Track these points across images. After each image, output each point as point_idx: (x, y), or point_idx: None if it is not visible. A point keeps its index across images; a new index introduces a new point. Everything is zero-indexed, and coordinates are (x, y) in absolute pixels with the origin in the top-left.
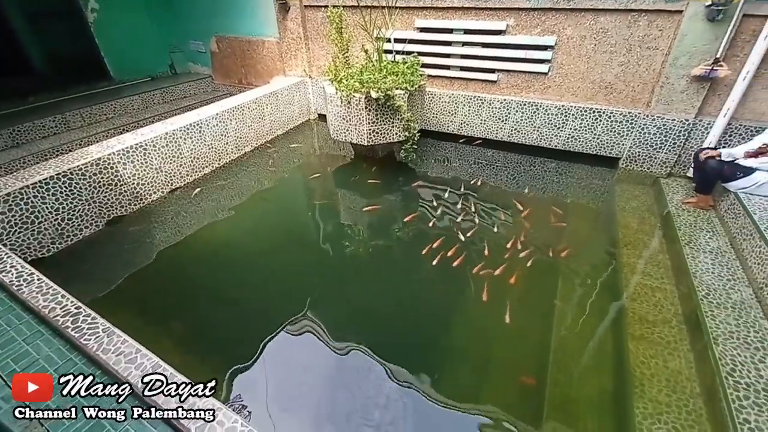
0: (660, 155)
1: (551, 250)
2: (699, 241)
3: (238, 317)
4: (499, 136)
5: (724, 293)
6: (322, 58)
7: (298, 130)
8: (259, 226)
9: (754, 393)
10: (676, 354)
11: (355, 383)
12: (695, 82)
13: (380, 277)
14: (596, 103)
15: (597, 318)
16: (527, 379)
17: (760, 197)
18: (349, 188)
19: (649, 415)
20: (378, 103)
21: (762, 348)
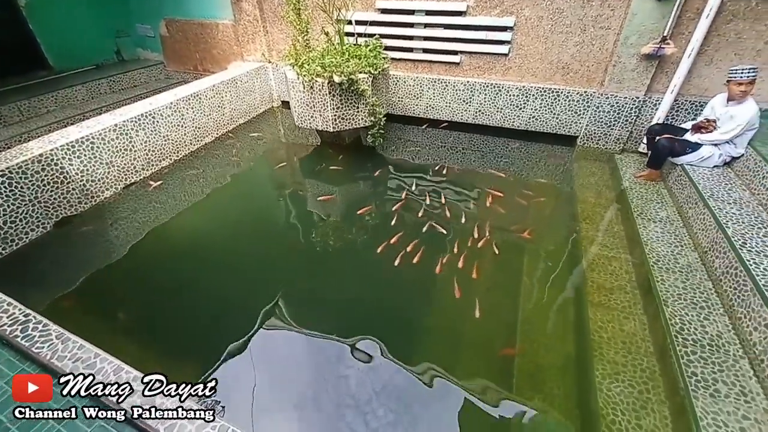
0: (614, 132)
1: (517, 229)
2: (650, 211)
3: (206, 314)
4: (465, 119)
5: (673, 259)
6: (282, 42)
7: (262, 119)
8: (223, 219)
9: (701, 348)
10: (631, 317)
11: (333, 370)
12: (645, 61)
13: (350, 263)
14: (554, 84)
15: (560, 290)
16: (508, 350)
17: (703, 168)
18: (315, 177)
19: (607, 375)
20: (342, 87)
21: (707, 307)
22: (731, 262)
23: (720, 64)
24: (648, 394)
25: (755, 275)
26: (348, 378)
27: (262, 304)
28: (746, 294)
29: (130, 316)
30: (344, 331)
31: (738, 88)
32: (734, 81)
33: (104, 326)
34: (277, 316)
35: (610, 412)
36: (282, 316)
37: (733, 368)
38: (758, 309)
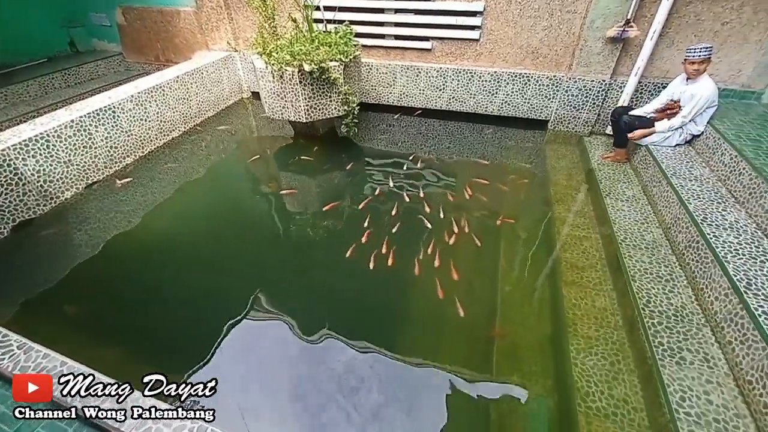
0: (582, 115)
1: (493, 214)
2: (617, 191)
3: (180, 314)
4: (438, 105)
5: (639, 235)
6: (248, 30)
7: (232, 111)
8: (194, 216)
9: (666, 319)
10: (601, 294)
11: (313, 362)
12: (610, 44)
13: (328, 257)
14: (525, 68)
15: (536, 271)
16: (499, 331)
17: (666, 148)
18: (289, 169)
19: (582, 350)
20: (312, 76)
21: (671, 280)
22: (693, 237)
23: (680, 45)
24: (619, 365)
25: (715, 248)
26: (329, 370)
27: (238, 301)
28: (707, 266)
29: (101, 321)
30: (323, 324)
31: (692, 66)
32: (689, 60)
33: (73, 334)
34: (254, 312)
35: (584, 384)
36: (259, 312)
37: (697, 336)
38: (718, 279)
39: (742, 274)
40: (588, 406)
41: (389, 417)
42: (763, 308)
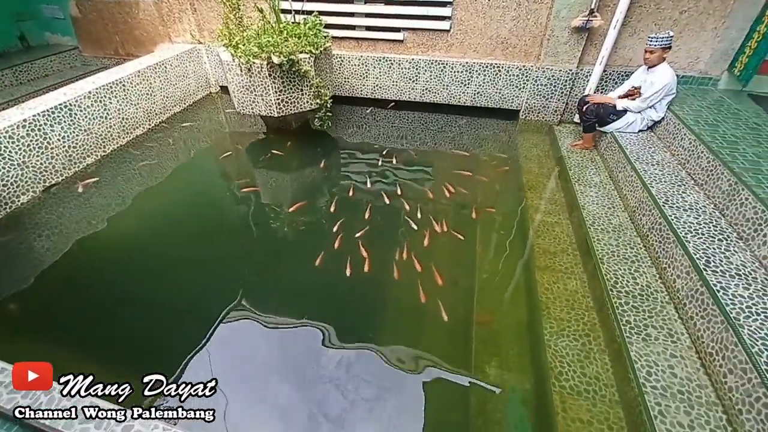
0: (551, 104)
1: (471, 205)
2: (585, 177)
3: (157, 318)
4: (412, 97)
5: (606, 219)
6: (214, 21)
7: (200, 106)
8: (163, 218)
9: (632, 298)
10: (573, 277)
11: (300, 359)
12: (575, 34)
13: (304, 251)
14: (495, 59)
15: (511, 258)
16: (479, 318)
17: (630, 134)
18: (262, 166)
19: (555, 333)
20: (282, 69)
21: (637, 261)
22: (656, 219)
23: (642, 34)
24: (590, 345)
25: (676, 228)
26: (308, 365)
27: (211, 302)
28: (669, 246)
29: (67, 330)
30: (298, 319)
31: (652, 55)
32: (648, 48)
33: (35, 346)
34: (230, 312)
35: (557, 365)
36: (235, 312)
37: (661, 314)
38: (680, 259)
39: (701, 253)
40: (562, 385)
41: (369, 409)
42: (721, 284)
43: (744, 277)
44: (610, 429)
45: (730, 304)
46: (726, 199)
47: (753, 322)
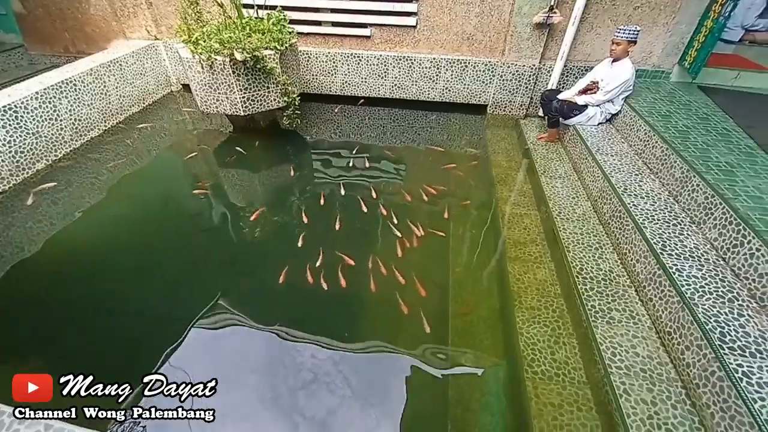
0: (517, 99)
1: (441, 199)
2: (551, 169)
3: (125, 327)
4: (382, 93)
5: (571, 209)
6: (171, 16)
7: (161, 105)
8: (125, 222)
9: (596, 284)
10: (542, 266)
11: (276, 360)
12: (537, 30)
13: (276, 251)
14: (462, 54)
15: (483, 251)
16: (464, 309)
17: (591, 127)
18: (229, 167)
19: (526, 321)
20: (246, 66)
21: (600, 247)
22: (616, 207)
23: (599, 30)
24: (559, 330)
25: (634, 215)
26: (284, 365)
27: (181, 310)
28: (629, 232)
29: (26, 343)
30: (272, 320)
31: (618, 47)
32: (615, 39)
33: None
34: (201, 319)
35: (530, 352)
36: (207, 318)
37: (623, 297)
38: (638, 244)
39: (657, 238)
40: (534, 371)
41: (348, 406)
42: (676, 266)
43: (697, 258)
44: (579, 410)
45: (685, 285)
46: (679, 186)
47: (706, 301)
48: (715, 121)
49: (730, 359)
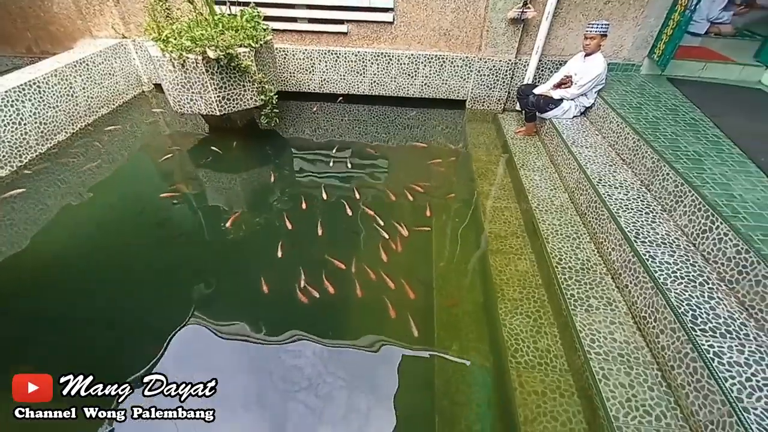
0: (495, 94)
1: (425, 195)
2: (529, 162)
3: (101, 337)
4: (361, 90)
5: (549, 201)
6: (140, 13)
7: (132, 106)
8: (97, 230)
9: (575, 273)
10: (523, 258)
11: (262, 362)
12: (512, 25)
13: (257, 255)
14: (440, 50)
15: (466, 245)
16: (451, 301)
17: (566, 120)
18: (205, 168)
19: (509, 312)
20: (220, 64)
21: (577, 237)
22: (592, 197)
23: (571, 24)
24: (541, 320)
25: (609, 205)
26: (273, 365)
27: (161, 317)
28: (604, 222)
29: None
30: (257, 326)
31: (592, 41)
32: (588, 34)
33: None
34: (181, 325)
35: (513, 342)
36: (187, 324)
37: (601, 285)
38: (614, 233)
39: (631, 226)
40: (518, 361)
41: (340, 403)
42: (649, 253)
43: (669, 245)
44: (561, 396)
45: (658, 271)
46: (650, 176)
47: (678, 285)
48: (683, 112)
49: (702, 340)
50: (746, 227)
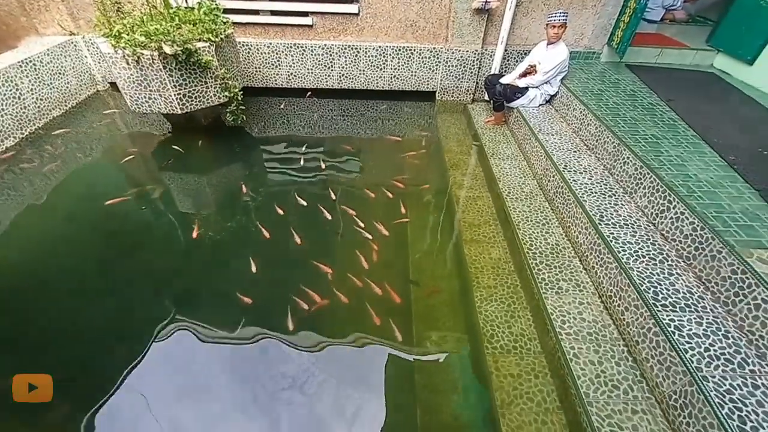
0: (463, 85)
1: (398, 189)
2: (499, 151)
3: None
4: (330, 84)
5: (519, 188)
6: (90, 8)
7: (86, 107)
8: (50, 241)
9: (545, 257)
10: (496, 245)
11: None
12: (477, 15)
13: (228, 257)
14: (407, 42)
15: (441, 235)
16: (438, 288)
17: (532, 108)
18: (167, 169)
19: (484, 299)
20: (178, 60)
21: (546, 223)
22: (558, 183)
23: (534, 14)
24: (514, 305)
25: (575, 190)
26: (251, 369)
27: (129, 326)
28: (571, 206)
29: None
30: (234, 331)
31: (552, 30)
32: (550, 24)
33: None
34: (154, 334)
35: (489, 329)
36: (158, 333)
37: (569, 268)
38: (580, 216)
39: (596, 209)
40: (494, 346)
41: (321, 401)
42: (613, 235)
43: (631, 226)
44: (536, 377)
45: (621, 251)
46: (612, 160)
47: (640, 264)
48: (641, 97)
49: (663, 315)
50: (701, 205)
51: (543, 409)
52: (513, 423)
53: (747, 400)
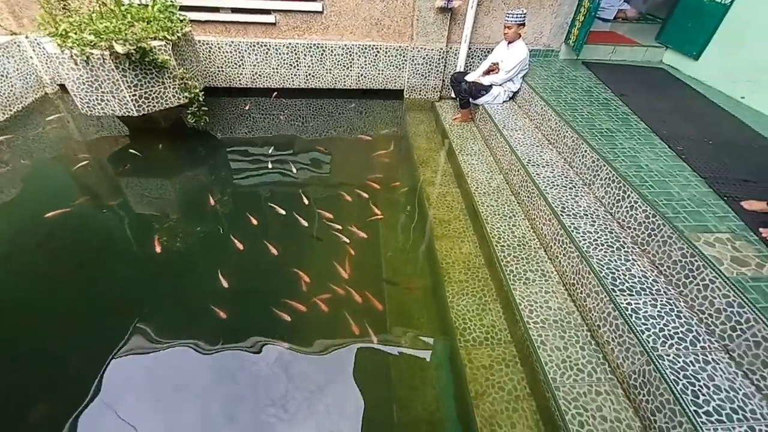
0: (430, 82)
1: (370, 188)
2: (467, 147)
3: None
4: (296, 84)
5: (487, 183)
6: (34, 6)
7: (33, 111)
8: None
9: (513, 249)
10: (466, 240)
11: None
12: (440, 14)
13: (204, 259)
14: (373, 40)
15: (412, 233)
16: (412, 285)
17: (497, 105)
18: (123, 175)
19: (456, 294)
20: (131, 59)
21: (513, 216)
22: (523, 177)
23: (495, 13)
24: (485, 298)
25: (538, 183)
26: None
27: (97, 340)
28: (535, 199)
29: None
30: (204, 336)
31: (509, 30)
32: (506, 24)
33: None
34: (117, 348)
35: (461, 323)
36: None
37: (535, 258)
38: (543, 208)
39: (558, 201)
40: (466, 339)
41: (297, 402)
42: (574, 225)
43: (590, 216)
44: (507, 367)
45: (581, 240)
46: (571, 153)
47: (599, 252)
48: (597, 93)
49: (621, 299)
50: (652, 194)
51: (514, 397)
52: (486, 413)
53: (699, 375)
